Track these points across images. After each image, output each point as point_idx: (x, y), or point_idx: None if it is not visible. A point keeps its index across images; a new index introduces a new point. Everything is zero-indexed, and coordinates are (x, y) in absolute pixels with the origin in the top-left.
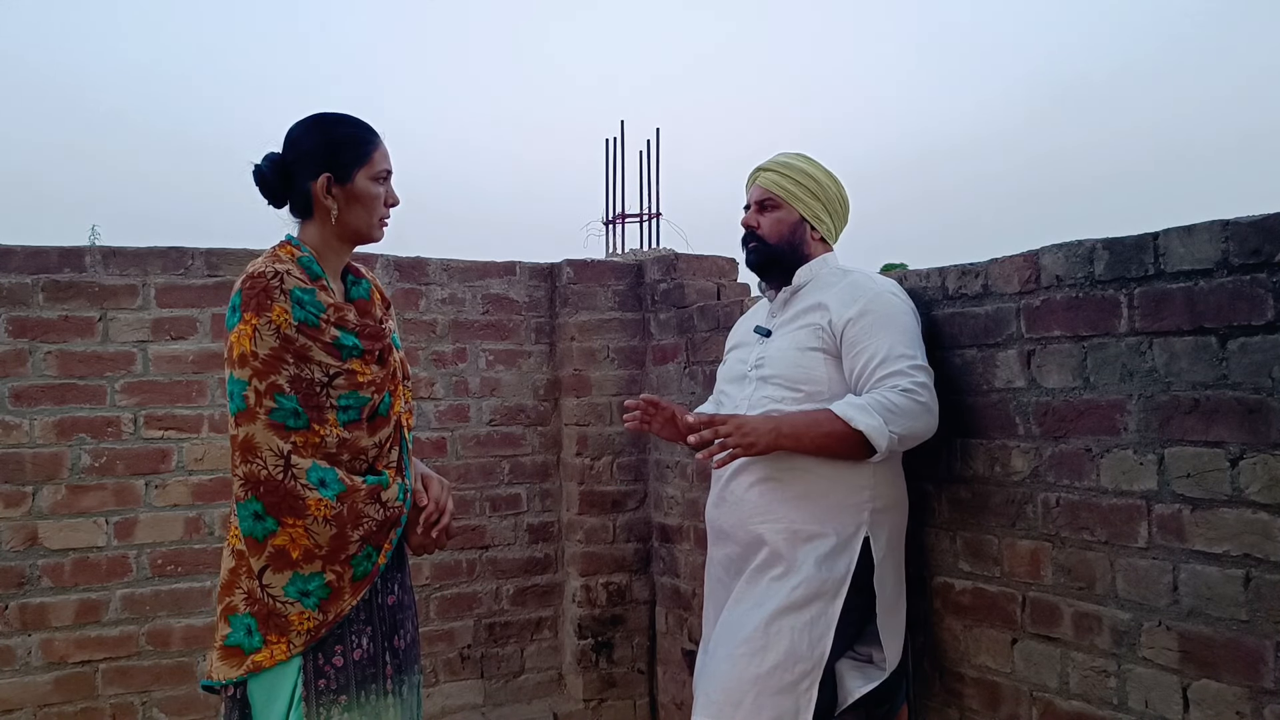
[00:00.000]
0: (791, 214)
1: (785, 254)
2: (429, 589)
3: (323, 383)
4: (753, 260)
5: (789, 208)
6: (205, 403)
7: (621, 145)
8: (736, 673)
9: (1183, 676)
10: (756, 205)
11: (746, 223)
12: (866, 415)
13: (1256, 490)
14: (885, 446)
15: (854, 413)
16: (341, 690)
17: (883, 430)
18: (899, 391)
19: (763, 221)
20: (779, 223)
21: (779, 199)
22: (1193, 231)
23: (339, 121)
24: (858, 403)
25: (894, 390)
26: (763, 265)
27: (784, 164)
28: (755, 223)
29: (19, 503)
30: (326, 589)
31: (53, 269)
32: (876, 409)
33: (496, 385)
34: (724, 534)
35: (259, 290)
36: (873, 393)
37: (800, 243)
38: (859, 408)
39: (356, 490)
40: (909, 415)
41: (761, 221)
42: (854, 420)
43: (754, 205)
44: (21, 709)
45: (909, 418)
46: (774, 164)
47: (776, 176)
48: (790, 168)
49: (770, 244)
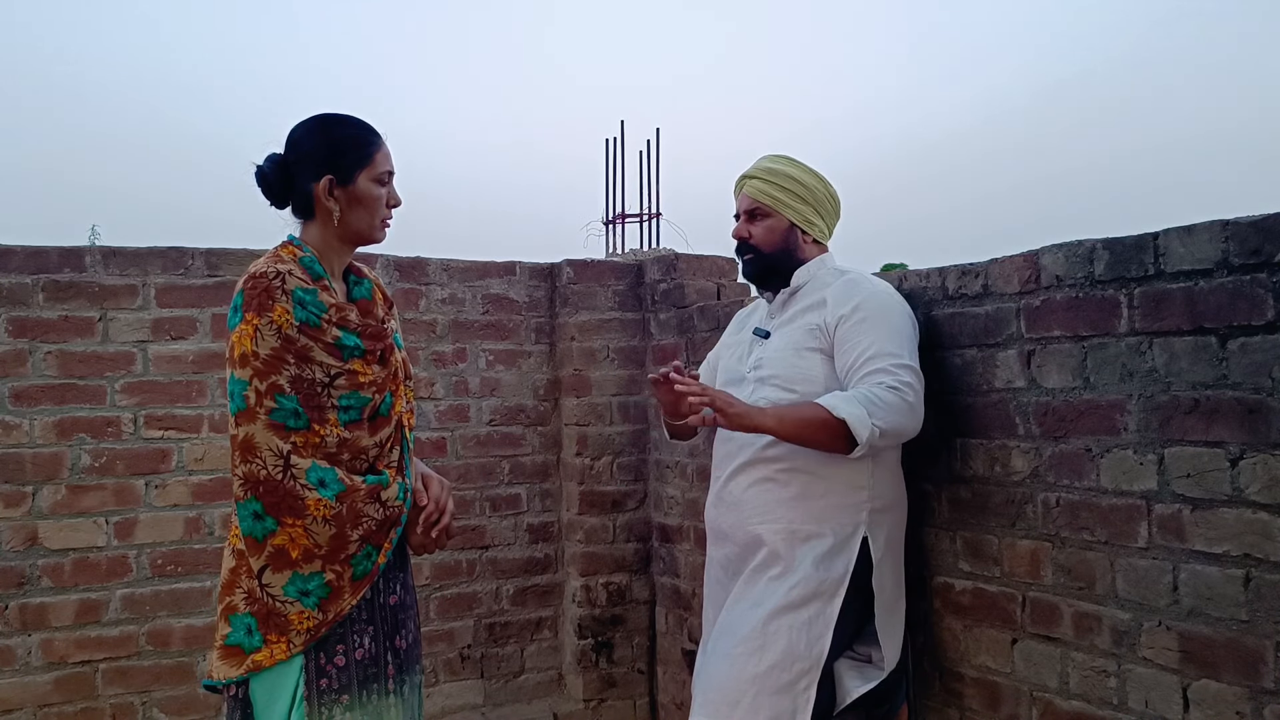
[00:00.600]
0: (781, 221)
1: (781, 261)
2: (429, 589)
3: (324, 383)
4: (749, 271)
5: (778, 215)
6: (205, 403)
7: (621, 145)
8: (734, 672)
9: (1183, 676)
10: (746, 215)
11: (738, 234)
12: (849, 405)
13: (1256, 490)
14: (866, 438)
15: (837, 402)
16: (343, 690)
17: (865, 420)
18: (885, 387)
19: (754, 231)
20: (770, 231)
21: (767, 207)
22: (1193, 231)
23: (341, 122)
24: (842, 395)
25: (879, 385)
26: (760, 275)
27: (769, 170)
28: (747, 233)
29: (19, 503)
30: (326, 588)
31: (53, 269)
32: (860, 400)
33: (496, 385)
34: (723, 534)
35: (261, 290)
36: (858, 387)
37: (794, 248)
38: (843, 398)
39: (356, 490)
40: (893, 410)
41: (753, 231)
42: (836, 408)
43: (743, 215)
44: (21, 709)
45: (893, 413)
46: (759, 171)
47: (762, 184)
48: (775, 174)
49: (765, 253)
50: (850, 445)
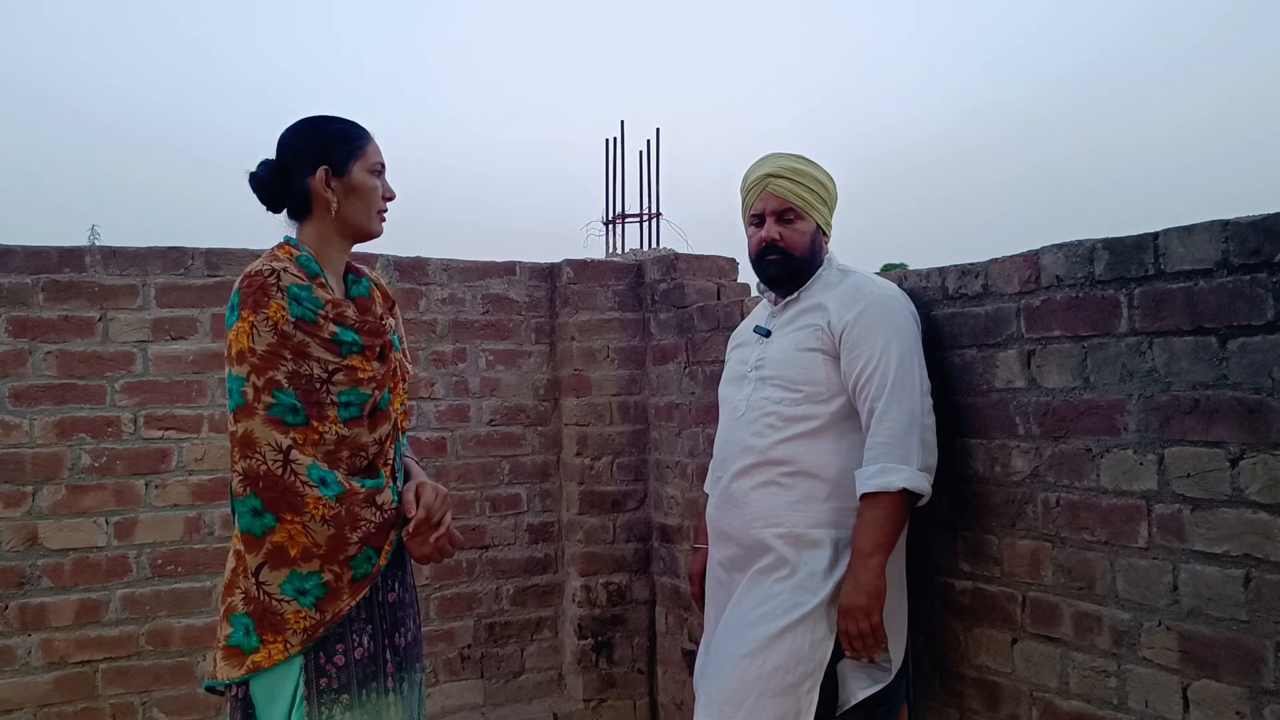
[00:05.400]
0: (810, 224)
1: (807, 264)
2: (429, 589)
3: (322, 379)
4: (776, 273)
5: (808, 218)
6: (205, 403)
7: (621, 145)
8: (738, 674)
9: (1183, 676)
10: (774, 216)
11: (769, 236)
12: (907, 475)
13: (1256, 490)
14: (926, 485)
15: (893, 479)
16: (343, 689)
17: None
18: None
19: (785, 233)
20: (801, 234)
21: (800, 209)
22: (1193, 231)
23: (329, 119)
24: (873, 469)
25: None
26: (786, 278)
27: (795, 170)
28: (778, 234)
29: (19, 503)
30: (324, 589)
31: (53, 269)
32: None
33: (496, 385)
34: (726, 536)
35: (256, 288)
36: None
37: (818, 251)
38: (877, 472)
39: (355, 494)
40: (925, 443)
41: (784, 234)
42: (891, 485)
43: (771, 215)
44: (21, 709)
45: (926, 443)
46: (786, 170)
47: (791, 184)
48: (803, 175)
49: (795, 256)
50: (914, 498)
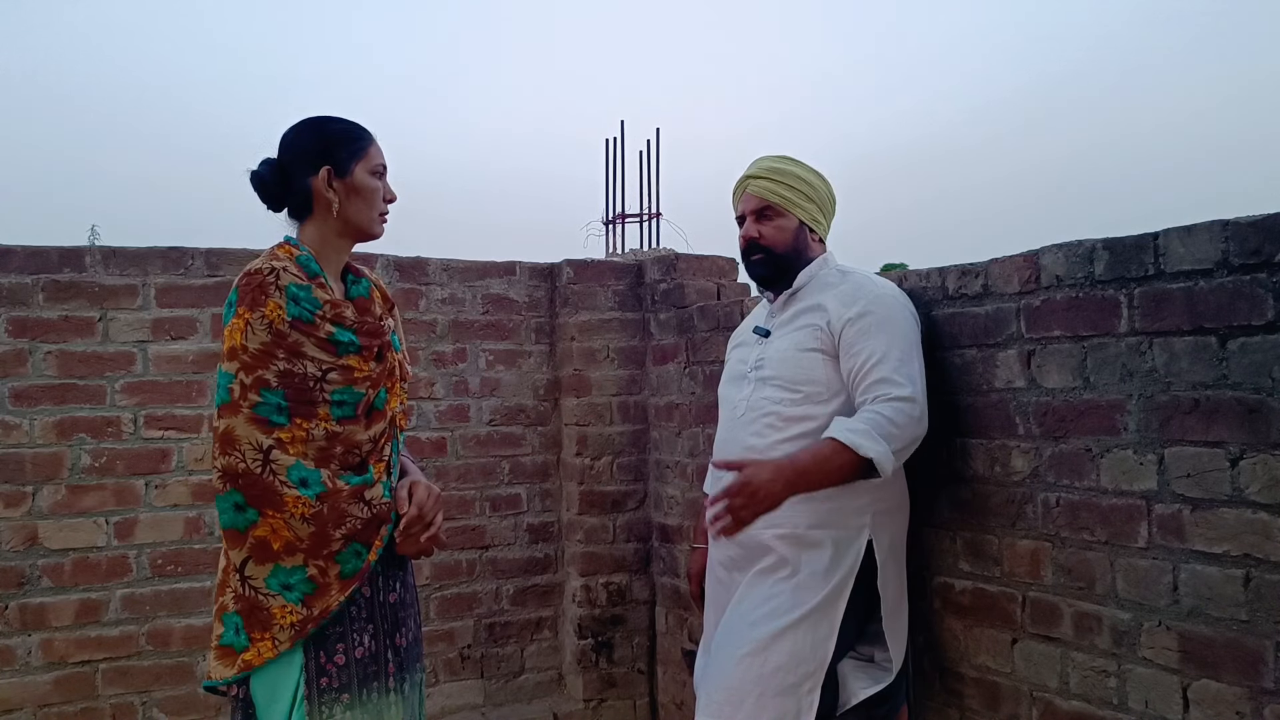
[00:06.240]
0: (791, 220)
1: (792, 261)
2: (429, 589)
3: (316, 377)
4: (761, 272)
5: (789, 215)
6: (205, 403)
7: (621, 145)
8: (739, 674)
9: (1183, 676)
10: (754, 215)
11: (748, 234)
12: (873, 441)
13: (1256, 490)
14: (890, 470)
15: (860, 440)
16: (344, 689)
17: (888, 455)
18: (893, 404)
19: (764, 231)
20: (781, 230)
21: (778, 206)
22: (1193, 231)
23: (332, 119)
24: (860, 427)
25: (888, 404)
26: (771, 276)
27: (775, 169)
28: (757, 233)
29: (19, 503)
30: (310, 584)
31: (53, 269)
32: (879, 432)
33: (496, 385)
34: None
35: (254, 286)
36: (870, 409)
37: (804, 247)
38: (863, 433)
39: (339, 492)
40: (905, 427)
41: (763, 231)
42: (861, 448)
43: (751, 215)
44: (21, 709)
45: (906, 430)
46: (764, 171)
47: (769, 184)
48: (782, 173)
49: (777, 253)
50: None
